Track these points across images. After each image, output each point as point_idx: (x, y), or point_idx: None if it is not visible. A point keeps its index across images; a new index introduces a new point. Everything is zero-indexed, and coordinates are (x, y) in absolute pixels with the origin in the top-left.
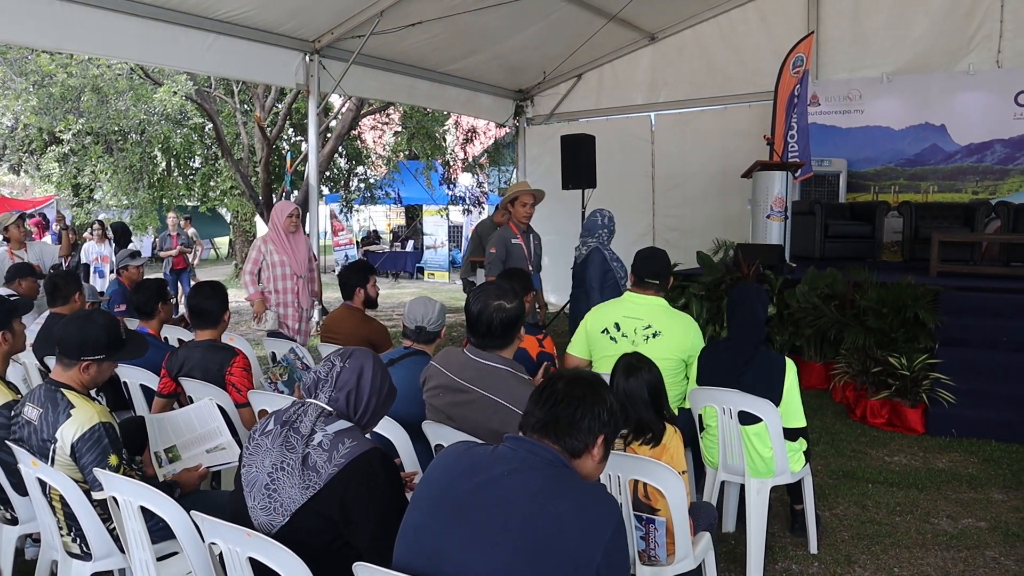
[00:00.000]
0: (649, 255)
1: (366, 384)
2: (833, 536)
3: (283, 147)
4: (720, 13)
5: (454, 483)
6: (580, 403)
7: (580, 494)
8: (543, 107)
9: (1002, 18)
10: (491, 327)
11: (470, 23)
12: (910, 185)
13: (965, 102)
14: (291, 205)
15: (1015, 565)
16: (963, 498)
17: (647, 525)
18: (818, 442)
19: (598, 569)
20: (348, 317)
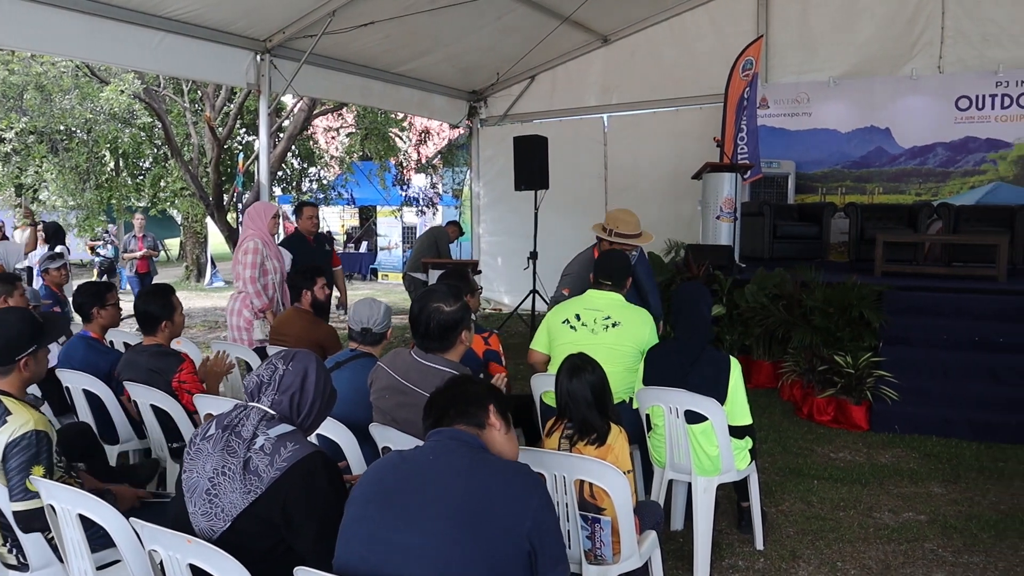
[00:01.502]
0: (605, 257)
1: (310, 387)
2: (779, 532)
3: (235, 147)
4: (672, 16)
5: (386, 477)
6: (455, 385)
7: (504, 468)
8: (496, 108)
9: (943, 25)
10: (429, 329)
11: (423, 24)
12: (856, 187)
13: (908, 106)
14: (273, 206)
15: (952, 556)
16: (904, 492)
17: (593, 524)
18: (766, 439)
19: (529, 535)
20: (297, 319)
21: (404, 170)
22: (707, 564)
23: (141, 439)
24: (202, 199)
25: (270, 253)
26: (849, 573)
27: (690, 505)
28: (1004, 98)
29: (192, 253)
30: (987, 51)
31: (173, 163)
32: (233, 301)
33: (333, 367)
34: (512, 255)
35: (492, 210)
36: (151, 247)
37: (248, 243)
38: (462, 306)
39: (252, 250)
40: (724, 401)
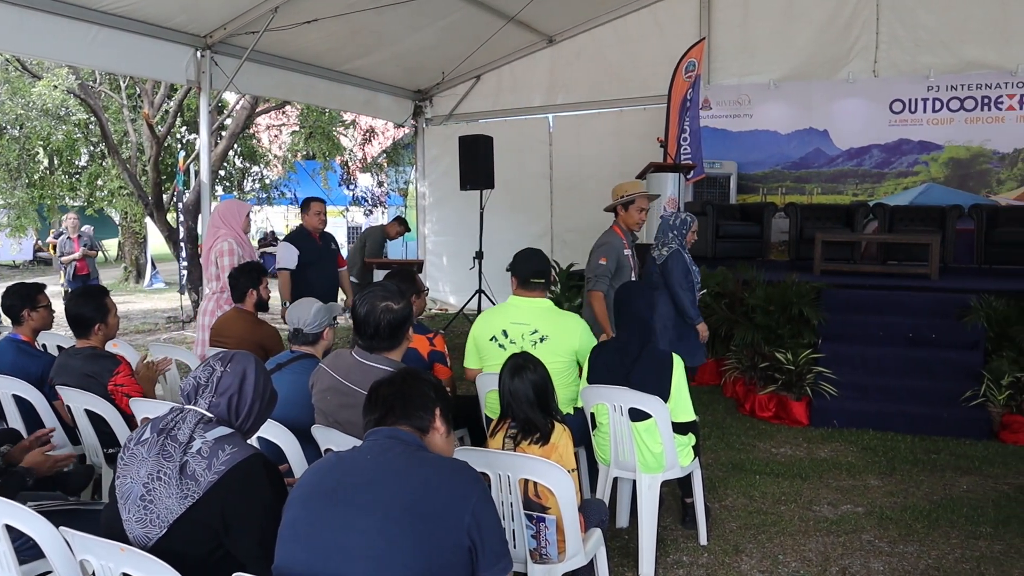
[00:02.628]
0: (529, 256)
1: (249, 388)
2: (722, 527)
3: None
4: (616, 18)
5: (323, 478)
6: (404, 386)
7: (442, 465)
8: (442, 108)
9: (878, 30)
10: (379, 329)
11: (368, 22)
12: (796, 187)
13: (845, 109)
14: (246, 205)
15: (888, 547)
16: (843, 485)
17: (538, 524)
18: (709, 436)
19: (468, 531)
20: (238, 320)
21: (349, 169)
22: (652, 560)
23: (75, 445)
24: (140, 198)
25: (245, 253)
26: (790, 565)
27: (635, 502)
28: (935, 102)
29: (131, 254)
30: (919, 56)
31: (110, 161)
32: (207, 302)
33: (274, 369)
34: (458, 255)
35: (437, 210)
36: (88, 247)
37: (222, 244)
38: (407, 304)
39: (228, 251)
40: (667, 398)
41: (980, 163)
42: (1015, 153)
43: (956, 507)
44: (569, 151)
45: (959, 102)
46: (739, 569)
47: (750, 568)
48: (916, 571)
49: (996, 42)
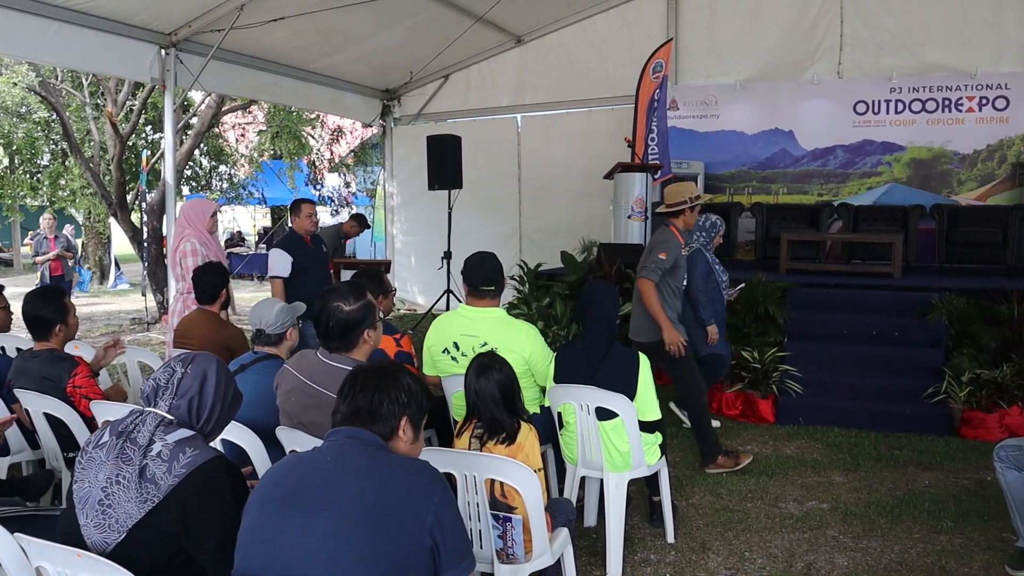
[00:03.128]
0: (479, 260)
1: (210, 390)
2: (689, 525)
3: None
4: (584, 18)
5: (283, 481)
6: (376, 390)
7: (402, 463)
8: (410, 107)
9: (842, 32)
10: (329, 328)
11: (335, 20)
12: (762, 187)
13: (810, 110)
14: (211, 204)
15: (852, 542)
16: (808, 482)
17: (504, 524)
18: (676, 435)
19: (430, 531)
20: (203, 321)
21: (316, 169)
22: (619, 559)
23: (35, 449)
24: (104, 198)
25: (210, 253)
26: (756, 562)
27: (603, 501)
28: (897, 103)
29: (95, 255)
30: (882, 59)
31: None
32: (175, 303)
33: (238, 370)
34: (426, 255)
35: (406, 210)
36: (65, 247)
37: (185, 245)
38: (364, 305)
39: (191, 251)
40: (634, 397)
41: (941, 164)
42: (975, 154)
43: (918, 502)
44: (537, 151)
45: (921, 104)
46: (706, 566)
47: (717, 565)
48: (879, 566)
49: (955, 45)
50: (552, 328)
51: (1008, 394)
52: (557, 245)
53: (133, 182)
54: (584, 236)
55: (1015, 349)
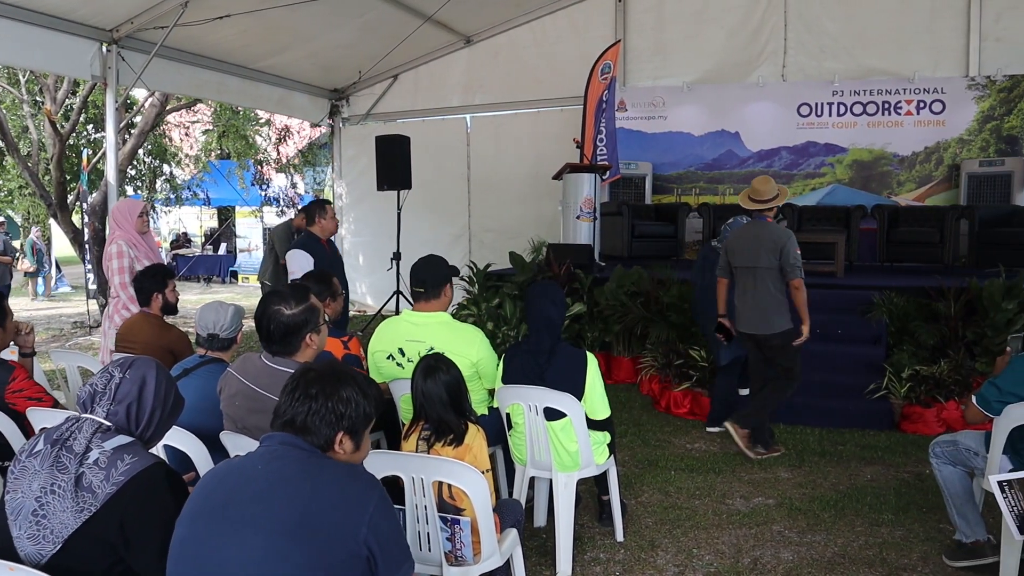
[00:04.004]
0: (427, 263)
1: (149, 395)
2: (638, 523)
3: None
4: (533, 19)
5: (214, 491)
6: (312, 402)
7: (337, 471)
8: (359, 107)
9: (786, 36)
10: (270, 332)
11: (282, 19)
12: (709, 188)
13: (756, 112)
14: (138, 203)
15: (797, 536)
16: (754, 478)
17: (452, 526)
18: (626, 433)
19: (366, 541)
20: (145, 325)
21: (264, 169)
22: (569, 558)
23: None
24: (43, 198)
25: (139, 254)
26: (704, 558)
27: (552, 501)
28: (839, 106)
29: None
30: (824, 62)
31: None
32: (109, 306)
33: (181, 374)
34: (375, 256)
35: (354, 210)
36: (1, 251)
37: (111, 247)
38: (306, 308)
39: (117, 254)
40: (582, 397)
41: (882, 165)
42: (913, 156)
43: (861, 496)
44: (487, 152)
45: (862, 107)
46: (654, 564)
47: (665, 562)
48: (823, 559)
49: (894, 51)
50: (502, 329)
51: (945, 389)
52: (507, 246)
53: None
54: (533, 236)
55: (952, 345)
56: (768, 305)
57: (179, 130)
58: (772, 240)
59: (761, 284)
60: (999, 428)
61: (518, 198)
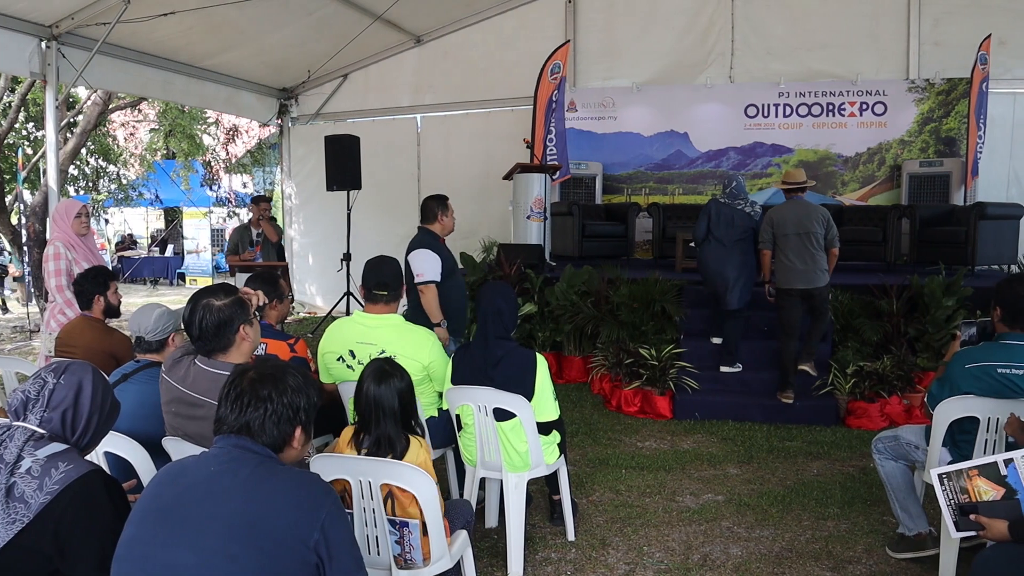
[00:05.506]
0: (376, 264)
1: (85, 401)
2: (589, 521)
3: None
4: (484, 19)
5: (163, 493)
6: (267, 402)
7: (290, 477)
8: (308, 107)
9: (733, 38)
10: (203, 329)
11: (230, 16)
12: (659, 188)
13: (704, 113)
14: (76, 203)
15: (745, 532)
16: (704, 475)
17: (401, 529)
18: (577, 432)
19: (316, 548)
20: (86, 329)
21: (211, 169)
22: (520, 559)
23: None
24: None
25: (77, 256)
26: (654, 556)
27: (503, 502)
28: (785, 107)
29: None
30: (770, 64)
31: None
32: (47, 310)
33: (119, 379)
34: (325, 256)
35: (304, 211)
36: None
37: (48, 248)
38: (235, 301)
39: (53, 256)
40: (531, 397)
41: (827, 166)
42: (856, 157)
43: (807, 491)
44: (437, 152)
45: (807, 108)
46: (605, 562)
47: (616, 561)
48: (771, 554)
49: (838, 54)
50: None
51: (888, 384)
52: (457, 246)
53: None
54: (484, 237)
55: (895, 342)
56: (819, 264)
57: (124, 129)
58: (821, 214)
59: (814, 248)
60: (938, 422)
61: (469, 198)
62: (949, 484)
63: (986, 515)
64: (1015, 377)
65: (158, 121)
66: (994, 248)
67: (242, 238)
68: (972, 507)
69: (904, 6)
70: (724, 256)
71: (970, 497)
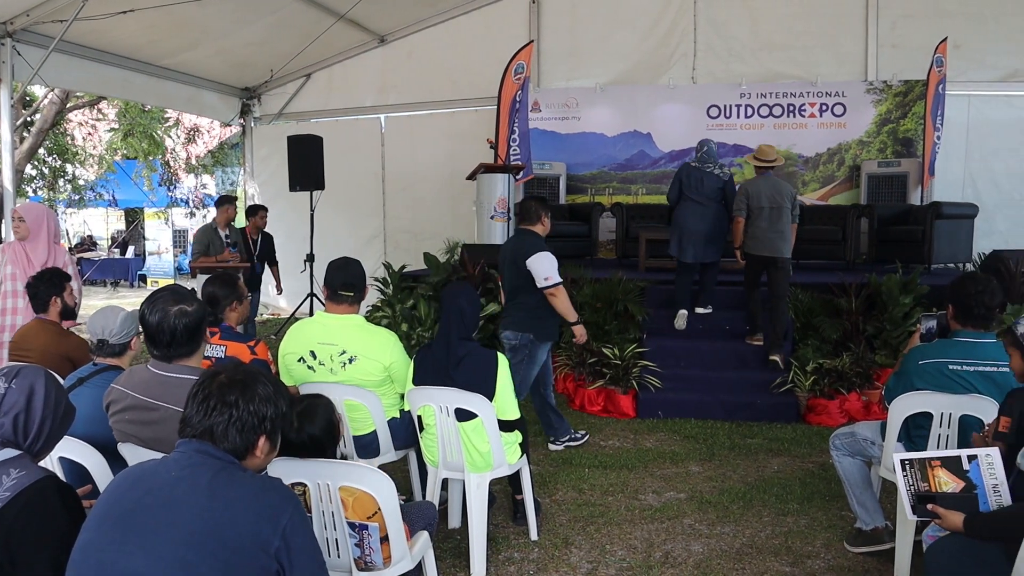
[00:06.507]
0: (342, 265)
1: (38, 405)
2: (552, 521)
3: None
4: (448, 19)
5: (122, 497)
6: (233, 408)
7: (252, 483)
8: (271, 106)
9: (695, 40)
10: (175, 335)
11: (191, 14)
12: (622, 188)
13: (667, 113)
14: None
15: (707, 529)
16: (667, 473)
17: (361, 532)
18: (540, 432)
19: (277, 554)
20: (41, 332)
21: (172, 170)
22: (483, 559)
23: None
24: None
25: (6, 259)
26: (617, 554)
27: (466, 502)
28: (747, 108)
29: None
30: (732, 65)
31: None
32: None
33: (75, 383)
34: (288, 258)
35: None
36: None
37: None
38: (202, 304)
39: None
40: (492, 397)
41: (788, 166)
42: (817, 157)
43: (768, 487)
44: (401, 152)
45: (768, 109)
46: (568, 561)
47: (579, 560)
48: (732, 550)
49: (798, 55)
50: (416, 330)
51: (847, 381)
52: (422, 246)
53: None
54: (449, 237)
55: (853, 339)
56: (786, 235)
57: (81, 129)
58: (789, 191)
59: (782, 220)
60: (893, 418)
61: (433, 199)
62: (911, 471)
63: (943, 506)
64: (966, 374)
65: (117, 120)
66: (950, 247)
67: (212, 241)
68: (930, 497)
69: (863, 9)
70: (699, 214)
71: (930, 486)
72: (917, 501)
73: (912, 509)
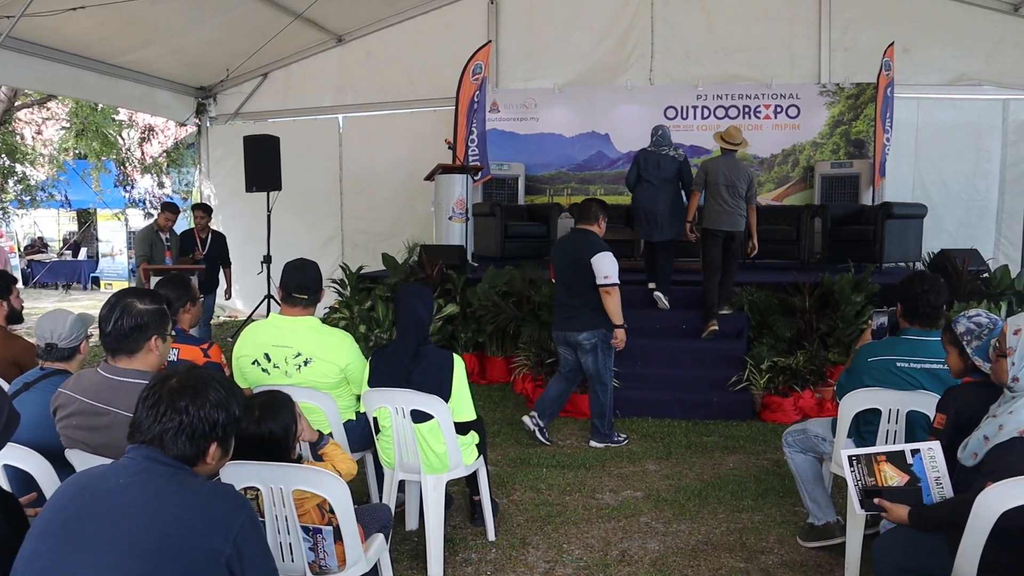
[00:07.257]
0: (298, 266)
1: None
2: (510, 521)
3: None
4: (406, 19)
5: (68, 504)
6: (184, 414)
7: (203, 490)
8: (227, 106)
9: (652, 41)
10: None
11: (144, 12)
12: (580, 188)
13: (625, 114)
14: None
15: (663, 527)
16: (624, 472)
17: (314, 535)
18: (499, 432)
19: (228, 563)
20: None
21: (126, 170)
22: (440, 560)
23: None
24: None
25: None
26: (573, 553)
27: (423, 504)
28: (703, 109)
29: None
30: (689, 67)
31: None
32: None
33: (21, 388)
34: (245, 259)
35: (223, 212)
36: None
37: None
38: (159, 310)
39: None
40: (449, 398)
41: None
42: (772, 158)
43: (723, 484)
44: (359, 152)
45: (724, 110)
46: (526, 561)
47: (536, 559)
48: (688, 547)
49: (754, 58)
50: (374, 331)
51: (801, 379)
52: (380, 247)
53: None
54: (407, 238)
55: (807, 337)
56: (740, 211)
57: (30, 128)
58: (747, 172)
59: (737, 198)
60: (843, 414)
61: (391, 199)
62: (858, 467)
63: (889, 500)
64: (912, 371)
65: (68, 119)
66: (900, 246)
67: (154, 244)
68: (876, 491)
69: (816, 13)
70: (655, 195)
71: (876, 481)
72: (865, 496)
73: (860, 503)
